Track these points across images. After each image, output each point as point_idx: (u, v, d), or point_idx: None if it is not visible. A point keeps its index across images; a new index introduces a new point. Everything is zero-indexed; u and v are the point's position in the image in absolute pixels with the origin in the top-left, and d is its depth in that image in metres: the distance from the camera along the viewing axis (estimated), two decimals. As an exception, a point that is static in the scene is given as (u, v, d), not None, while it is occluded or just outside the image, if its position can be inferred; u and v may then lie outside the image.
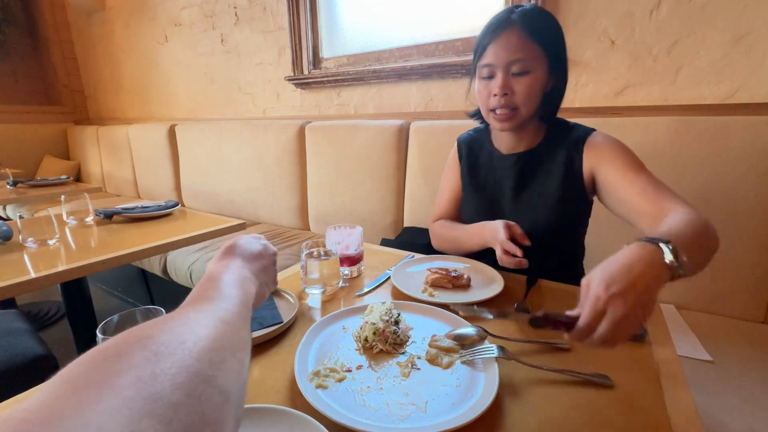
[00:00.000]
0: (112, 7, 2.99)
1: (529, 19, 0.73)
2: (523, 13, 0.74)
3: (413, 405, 0.43)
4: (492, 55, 0.75)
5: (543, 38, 0.74)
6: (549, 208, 0.81)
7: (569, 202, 0.81)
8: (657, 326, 0.62)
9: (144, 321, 0.49)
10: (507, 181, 0.87)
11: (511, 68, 0.74)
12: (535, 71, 0.74)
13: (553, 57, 0.75)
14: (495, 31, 0.75)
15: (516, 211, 0.86)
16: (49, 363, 0.95)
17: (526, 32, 0.73)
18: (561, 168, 0.80)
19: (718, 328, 1.03)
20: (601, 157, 0.76)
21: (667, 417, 0.42)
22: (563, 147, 0.81)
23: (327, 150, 1.82)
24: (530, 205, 0.84)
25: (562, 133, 0.83)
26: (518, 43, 0.73)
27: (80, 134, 3.29)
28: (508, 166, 0.86)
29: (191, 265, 1.60)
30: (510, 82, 0.75)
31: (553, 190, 0.81)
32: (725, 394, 0.78)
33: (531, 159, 0.84)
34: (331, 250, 0.75)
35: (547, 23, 0.76)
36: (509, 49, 0.73)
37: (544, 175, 0.83)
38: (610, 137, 0.79)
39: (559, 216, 0.81)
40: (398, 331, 0.55)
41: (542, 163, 0.83)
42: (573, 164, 0.79)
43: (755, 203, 1.04)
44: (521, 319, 0.52)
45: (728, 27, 1.12)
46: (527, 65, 0.73)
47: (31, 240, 1.02)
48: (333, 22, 2.00)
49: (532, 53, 0.73)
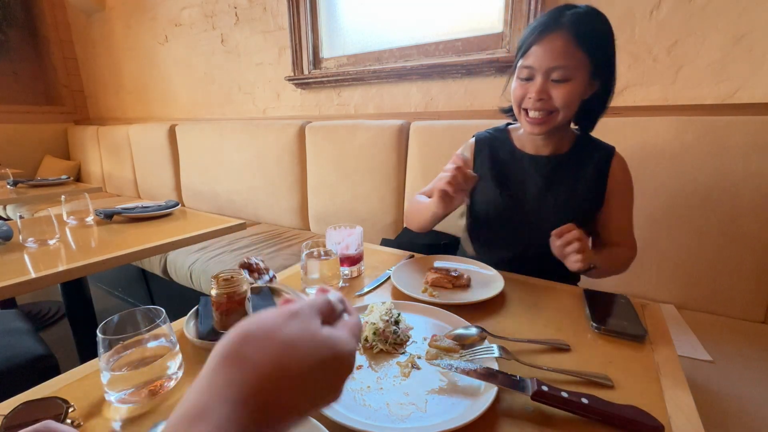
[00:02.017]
0: (113, 7, 3.00)
1: (580, 23, 0.70)
2: (575, 17, 0.70)
3: (413, 405, 0.43)
4: (534, 58, 0.73)
5: (591, 46, 0.71)
6: (575, 212, 0.83)
7: (592, 210, 0.86)
8: (657, 326, 0.62)
9: (144, 320, 0.49)
10: (533, 181, 0.87)
11: (551, 74, 0.72)
12: (575, 79, 0.72)
13: (597, 64, 0.73)
14: (542, 32, 0.72)
15: (540, 211, 0.86)
16: (49, 363, 0.95)
17: (574, 38, 0.70)
18: (591, 178, 0.83)
19: (718, 328, 1.03)
20: (618, 188, 0.84)
21: (667, 417, 0.42)
22: (591, 159, 0.84)
23: (327, 150, 1.82)
24: (556, 207, 0.84)
25: (589, 147, 0.86)
26: (563, 50, 0.70)
27: (80, 134, 3.30)
28: (538, 167, 0.86)
29: (191, 265, 1.60)
30: (548, 87, 0.73)
31: (581, 197, 0.84)
32: (725, 394, 0.78)
33: (560, 164, 0.85)
34: (331, 250, 0.75)
35: (599, 29, 0.72)
36: (553, 54, 0.71)
37: (572, 181, 0.84)
38: (627, 167, 0.86)
39: (580, 221, 0.81)
40: (398, 331, 0.55)
41: (571, 170, 0.84)
42: (601, 178, 0.83)
43: (755, 203, 1.04)
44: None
45: (728, 27, 1.12)
46: (568, 73, 0.71)
47: (31, 240, 1.02)
48: (333, 22, 2.00)
49: (575, 61, 0.71)
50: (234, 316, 0.57)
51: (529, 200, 0.87)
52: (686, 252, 1.13)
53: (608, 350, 0.55)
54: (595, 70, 0.73)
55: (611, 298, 0.69)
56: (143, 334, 0.47)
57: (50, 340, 1.57)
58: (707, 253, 1.11)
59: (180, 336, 0.57)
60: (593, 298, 0.69)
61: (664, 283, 1.17)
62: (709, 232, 1.10)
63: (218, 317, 0.57)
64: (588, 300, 0.68)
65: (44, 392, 0.46)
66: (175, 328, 0.53)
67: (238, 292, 0.57)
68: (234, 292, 0.56)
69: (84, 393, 0.46)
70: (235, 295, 0.56)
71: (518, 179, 0.88)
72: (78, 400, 0.45)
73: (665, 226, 1.15)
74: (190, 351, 0.55)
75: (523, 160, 0.88)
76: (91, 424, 0.41)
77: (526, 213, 0.87)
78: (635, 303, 0.67)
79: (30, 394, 0.45)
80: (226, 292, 0.56)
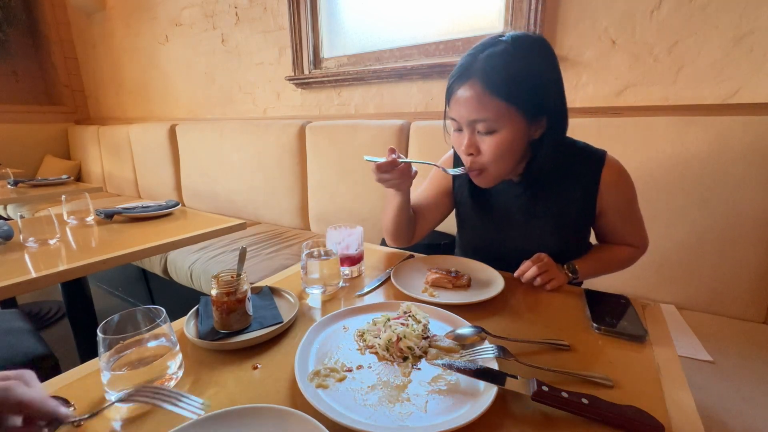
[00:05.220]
0: (113, 6, 3.00)
1: (491, 70, 0.62)
2: (486, 61, 0.63)
3: (413, 405, 0.43)
4: (455, 110, 0.68)
5: (506, 92, 0.62)
6: (560, 232, 0.80)
7: (580, 227, 0.83)
8: (657, 326, 0.62)
9: (144, 320, 0.49)
10: (516, 206, 0.82)
11: (476, 126, 0.66)
12: (502, 129, 0.65)
13: (527, 108, 0.64)
14: (455, 82, 0.66)
15: (527, 236, 0.82)
16: (49, 362, 0.95)
17: (487, 88, 0.62)
18: (577, 196, 0.77)
19: (718, 328, 1.03)
20: (616, 201, 0.77)
21: (667, 417, 0.42)
22: (575, 174, 0.76)
23: (327, 150, 1.82)
24: (540, 229, 0.80)
25: (573, 159, 0.76)
26: (477, 102, 0.63)
27: (81, 134, 3.30)
28: (517, 193, 0.81)
29: (192, 265, 1.60)
30: (476, 140, 0.68)
31: (566, 217, 0.78)
32: (725, 394, 0.78)
33: (542, 184, 0.78)
34: (331, 250, 0.75)
35: (514, 70, 0.62)
36: (469, 107, 0.64)
37: (557, 199, 0.78)
38: (623, 174, 0.76)
39: (568, 240, 0.81)
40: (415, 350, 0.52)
41: (553, 188, 0.77)
42: (588, 193, 0.76)
43: (755, 203, 1.04)
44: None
45: (729, 27, 1.12)
46: (491, 125, 0.65)
47: (31, 240, 1.03)
48: (333, 21, 2.00)
49: (495, 112, 0.63)
50: (234, 316, 0.57)
51: (514, 225, 0.83)
52: (686, 252, 1.13)
53: (608, 350, 0.55)
54: (529, 112, 0.65)
55: (611, 298, 0.69)
56: (143, 334, 0.47)
57: (50, 339, 1.57)
58: (707, 253, 1.11)
59: (180, 336, 0.57)
60: (593, 298, 0.69)
61: (664, 283, 1.17)
62: (709, 232, 1.10)
63: (218, 317, 0.57)
64: (588, 300, 0.67)
65: (44, 392, 0.46)
66: (175, 327, 0.53)
67: (238, 292, 0.57)
68: (234, 292, 0.56)
69: (84, 393, 0.46)
70: (235, 295, 0.57)
71: (501, 206, 0.84)
72: (78, 399, 0.45)
73: (665, 226, 1.15)
74: (191, 351, 0.55)
75: (503, 184, 0.81)
76: (92, 424, 0.41)
77: (512, 239, 0.83)
78: (635, 303, 0.67)
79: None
80: (226, 291, 0.56)
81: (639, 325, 0.59)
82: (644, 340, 0.57)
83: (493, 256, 0.85)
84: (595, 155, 0.76)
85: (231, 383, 0.48)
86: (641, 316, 0.63)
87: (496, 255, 0.85)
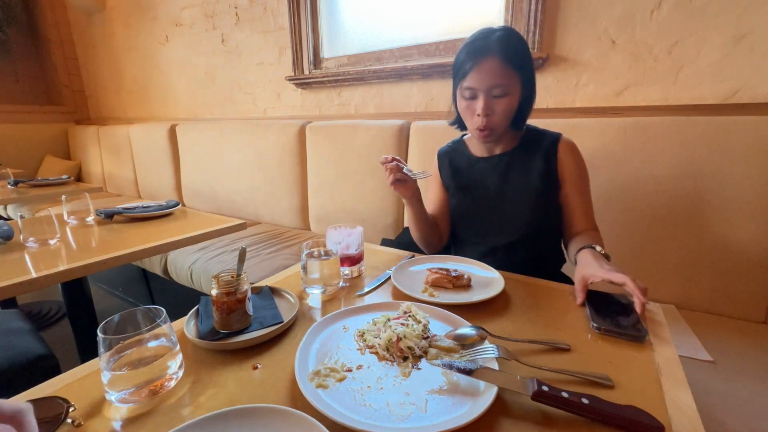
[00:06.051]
0: (113, 7, 3.00)
1: (507, 46, 0.82)
2: (501, 41, 0.82)
3: (413, 405, 0.43)
4: (475, 81, 0.83)
5: (518, 63, 0.83)
6: (530, 200, 0.92)
7: (547, 195, 0.93)
8: (657, 326, 0.62)
9: (144, 320, 0.49)
10: (490, 180, 0.97)
11: (492, 91, 0.83)
12: (512, 93, 0.84)
13: (525, 77, 0.85)
14: (477, 59, 0.82)
15: (501, 206, 0.95)
16: (49, 362, 0.95)
17: (505, 60, 0.81)
18: (540, 166, 0.92)
19: (718, 328, 1.03)
20: (569, 171, 0.92)
21: (667, 417, 0.42)
22: (538, 149, 0.93)
23: (327, 150, 1.82)
24: (513, 199, 0.94)
25: (535, 138, 0.95)
26: (499, 71, 0.82)
27: (81, 134, 3.30)
28: (490, 167, 0.97)
29: (192, 265, 1.60)
30: (491, 103, 0.84)
31: (533, 185, 0.92)
32: (725, 394, 0.78)
33: (511, 160, 0.95)
34: (331, 250, 0.75)
35: (521, 47, 0.84)
36: (491, 76, 0.82)
37: (524, 173, 0.93)
38: (575, 149, 0.93)
39: (539, 207, 0.92)
40: (415, 350, 0.52)
41: (521, 163, 0.94)
42: (550, 163, 0.92)
43: (755, 203, 1.04)
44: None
45: (729, 27, 1.12)
46: (506, 89, 0.83)
47: (32, 240, 1.03)
48: (333, 22, 2.00)
49: (509, 79, 0.83)
50: (234, 316, 0.57)
51: (491, 197, 0.96)
52: (686, 252, 1.13)
53: (608, 350, 0.55)
54: (525, 81, 0.86)
55: (611, 298, 0.69)
56: (144, 334, 0.47)
57: (51, 339, 1.57)
58: (707, 253, 1.11)
59: (180, 336, 0.57)
60: (593, 298, 0.69)
61: (664, 283, 1.17)
62: (709, 232, 1.10)
63: (218, 317, 0.57)
64: (588, 300, 0.67)
65: (45, 392, 0.46)
66: (175, 327, 0.53)
67: (239, 292, 0.57)
68: (234, 292, 0.56)
69: (84, 393, 0.46)
70: (235, 295, 0.57)
71: (478, 181, 0.99)
72: (78, 399, 0.45)
73: (665, 226, 1.15)
74: (191, 351, 0.55)
75: (478, 163, 0.99)
76: (92, 424, 0.41)
77: (490, 209, 0.96)
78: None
79: (30, 394, 0.46)
80: (226, 291, 0.56)
81: (639, 325, 0.59)
82: (644, 340, 0.57)
83: (473, 226, 1.00)
84: (553, 134, 0.95)
85: (231, 383, 0.48)
86: (641, 315, 0.63)
87: (475, 224, 0.99)
